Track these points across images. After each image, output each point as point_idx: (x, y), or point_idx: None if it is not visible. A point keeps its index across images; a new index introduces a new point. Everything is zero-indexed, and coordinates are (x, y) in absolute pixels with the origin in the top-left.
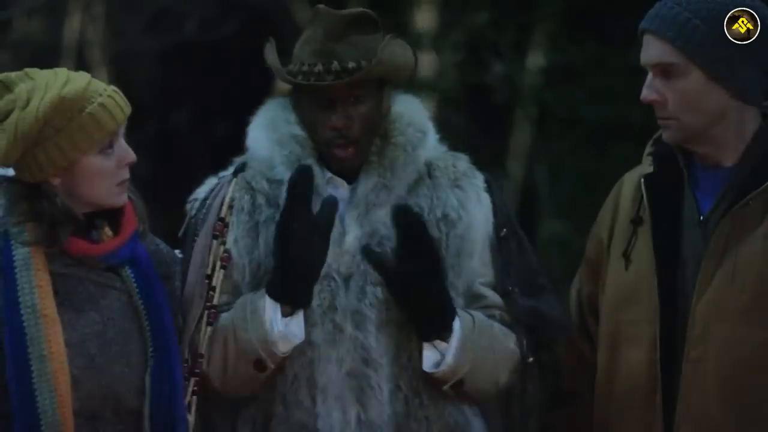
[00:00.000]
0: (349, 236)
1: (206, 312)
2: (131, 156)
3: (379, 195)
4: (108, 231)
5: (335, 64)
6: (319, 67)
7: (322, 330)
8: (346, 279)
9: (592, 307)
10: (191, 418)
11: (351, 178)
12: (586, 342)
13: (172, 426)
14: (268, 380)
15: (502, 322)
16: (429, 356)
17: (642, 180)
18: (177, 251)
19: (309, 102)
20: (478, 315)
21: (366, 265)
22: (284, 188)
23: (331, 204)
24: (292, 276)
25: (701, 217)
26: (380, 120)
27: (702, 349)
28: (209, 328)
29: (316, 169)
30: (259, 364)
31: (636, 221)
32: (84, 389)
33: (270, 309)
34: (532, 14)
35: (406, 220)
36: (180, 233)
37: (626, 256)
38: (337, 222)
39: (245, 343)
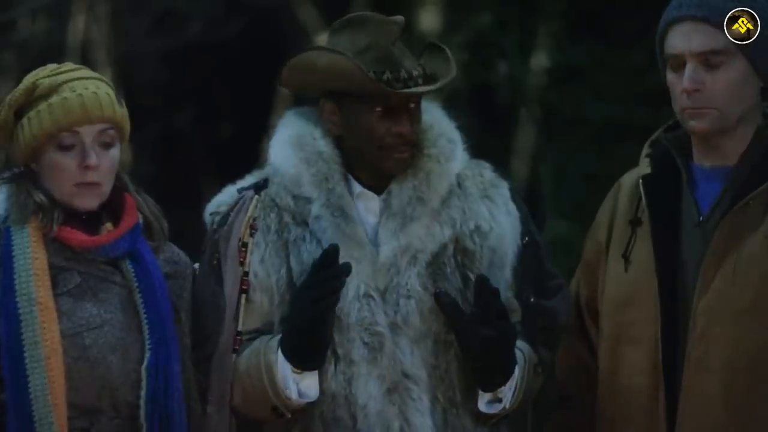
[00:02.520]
0: (384, 250)
1: (235, 338)
2: (89, 159)
3: (416, 208)
4: (109, 226)
5: (403, 72)
6: (388, 75)
7: (362, 347)
8: (383, 294)
9: (590, 309)
10: None
11: (379, 190)
12: (584, 344)
13: (168, 420)
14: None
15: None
16: (485, 399)
17: (640, 181)
18: (195, 265)
19: (362, 109)
20: (526, 349)
21: (399, 279)
22: (311, 206)
23: (346, 268)
24: (306, 344)
25: (701, 218)
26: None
27: (703, 349)
28: (234, 356)
29: (342, 187)
30: (276, 411)
31: (634, 222)
32: (77, 379)
33: (282, 367)
34: (536, 14)
35: (487, 289)
36: (203, 247)
37: (626, 257)
38: (368, 238)
39: (261, 391)
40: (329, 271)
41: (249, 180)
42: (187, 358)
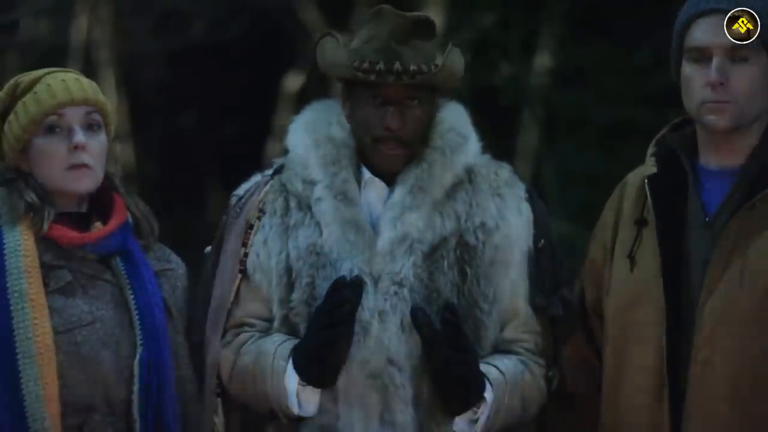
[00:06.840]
0: (381, 238)
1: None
2: (76, 137)
3: (415, 198)
4: (99, 225)
5: (397, 65)
6: (381, 66)
7: None
8: (376, 281)
9: (596, 310)
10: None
11: (390, 180)
12: (589, 345)
13: (161, 414)
14: None
15: (536, 346)
16: (459, 423)
17: (646, 181)
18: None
19: (363, 99)
20: (510, 369)
21: (393, 266)
22: (316, 188)
23: (356, 286)
24: (317, 367)
25: (707, 219)
26: (430, 127)
27: (710, 351)
28: (223, 340)
29: (349, 172)
30: (273, 413)
31: (640, 223)
32: (70, 376)
33: (292, 382)
34: (539, 15)
35: (451, 319)
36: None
37: (631, 257)
38: (371, 225)
39: (263, 395)
40: (343, 295)
41: (274, 166)
42: (182, 354)
